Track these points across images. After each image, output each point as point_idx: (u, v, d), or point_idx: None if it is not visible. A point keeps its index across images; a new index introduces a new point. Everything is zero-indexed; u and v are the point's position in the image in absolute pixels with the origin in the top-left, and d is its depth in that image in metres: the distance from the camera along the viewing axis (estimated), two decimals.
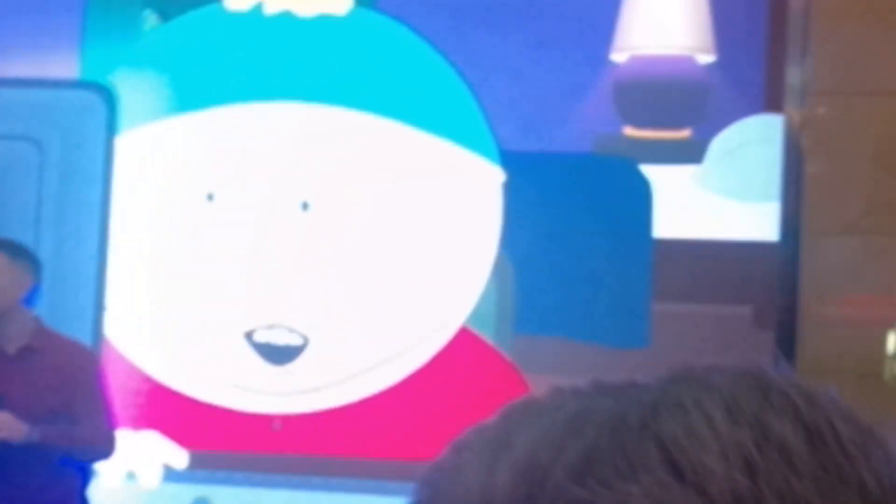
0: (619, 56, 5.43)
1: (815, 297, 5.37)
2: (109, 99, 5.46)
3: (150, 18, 5.59)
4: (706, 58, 5.42)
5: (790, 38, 5.36)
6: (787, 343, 5.31)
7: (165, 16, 5.59)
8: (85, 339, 4.92)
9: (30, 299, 4.32)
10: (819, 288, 5.37)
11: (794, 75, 5.36)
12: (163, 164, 5.47)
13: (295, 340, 5.38)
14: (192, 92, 5.46)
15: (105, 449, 4.26)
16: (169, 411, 5.42)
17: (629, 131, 5.44)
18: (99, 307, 5.42)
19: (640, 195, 5.35)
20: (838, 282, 5.40)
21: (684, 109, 5.42)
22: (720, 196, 5.37)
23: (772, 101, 5.39)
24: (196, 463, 5.41)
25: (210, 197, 5.44)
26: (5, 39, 5.60)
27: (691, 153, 5.38)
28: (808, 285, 5.36)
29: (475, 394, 5.34)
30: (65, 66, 5.55)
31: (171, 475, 5.40)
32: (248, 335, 5.40)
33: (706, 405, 0.69)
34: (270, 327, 5.39)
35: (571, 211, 5.35)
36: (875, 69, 5.51)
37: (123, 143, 5.48)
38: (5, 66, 5.57)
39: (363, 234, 5.37)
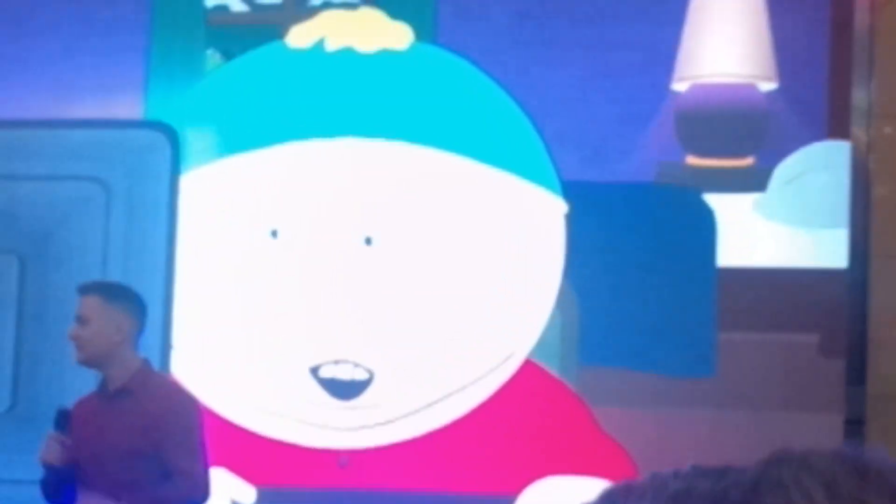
0: (680, 85, 5.43)
1: (885, 321, 5.33)
2: (174, 138, 5.51)
3: (213, 57, 5.65)
4: (768, 85, 5.40)
5: (855, 61, 5.34)
6: (858, 368, 5.28)
7: (228, 54, 5.64)
8: None
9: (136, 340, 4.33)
10: (889, 312, 5.34)
11: (859, 98, 5.33)
12: (227, 202, 5.51)
13: (360, 375, 5.40)
14: (255, 130, 5.50)
15: (198, 496, 4.23)
16: (236, 448, 5.44)
17: (692, 160, 5.42)
18: (166, 344, 5.46)
19: (704, 224, 5.33)
20: None
21: (747, 137, 5.40)
22: (785, 223, 5.34)
23: (835, 127, 5.36)
24: (264, 499, 5.43)
25: (274, 233, 5.47)
26: (71, 81, 5.66)
27: (755, 181, 5.36)
28: (877, 308, 5.33)
29: (541, 426, 5.33)
30: (129, 106, 5.60)
31: None
32: (314, 370, 5.42)
33: (806, 483, 0.69)
34: (336, 362, 5.40)
35: (635, 241, 5.34)
36: None
37: (188, 182, 5.52)
38: (71, 108, 5.63)
39: (426, 267, 5.38)
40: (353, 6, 5.58)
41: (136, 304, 4.35)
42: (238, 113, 5.54)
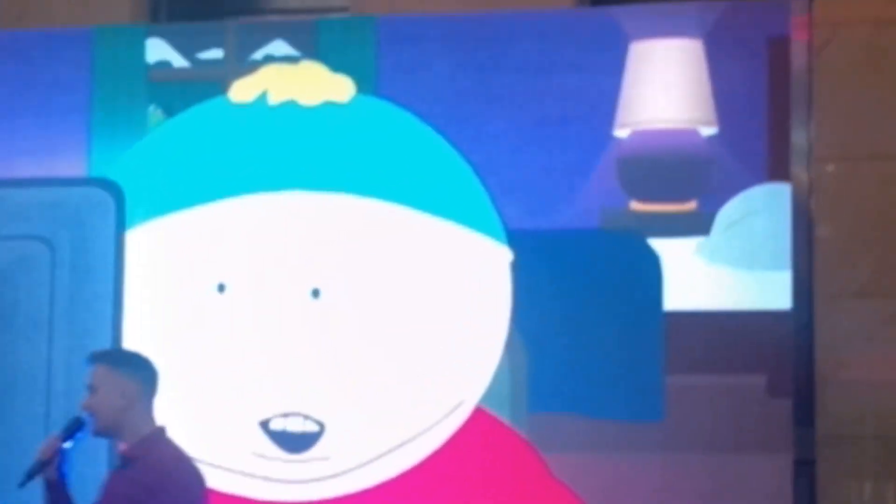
0: (621, 132, 5.47)
1: (831, 362, 5.38)
2: (118, 195, 5.52)
3: (155, 114, 5.66)
4: (709, 130, 5.45)
5: (794, 102, 5.39)
6: (806, 409, 5.31)
7: (170, 110, 5.65)
8: None
9: None
10: (835, 352, 5.38)
11: (799, 139, 5.39)
12: (173, 258, 5.51)
13: (311, 427, 5.40)
14: (199, 185, 5.52)
15: None
16: None
17: (635, 206, 5.46)
18: None
19: (649, 269, 5.37)
20: (854, 345, 5.41)
21: (689, 182, 5.45)
22: (729, 266, 5.38)
23: (776, 170, 5.41)
24: None
25: (221, 288, 5.48)
26: (13, 141, 5.66)
27: (698, 225, 5.40)
28: (823, 350, 5.37)
29: (493, 473, 5.34)
30: (72, 164, 5.61)
31: None
32: (264, 424, 5.41)
33: None
34: (286, 415, 5.40)
35: (581, 287, 5.37)
36: (879, 133, 5.55)
37: (133, 239, 5.53)
38: (13, 167, 5.63)
39: (374, 318, 5.40)
40: (294, 60, 5.62)
41: (144, 369, 4.32)
42: (182, 168, 5.55)
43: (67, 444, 4.22)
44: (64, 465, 4.22)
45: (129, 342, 5.46)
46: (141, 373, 4.29)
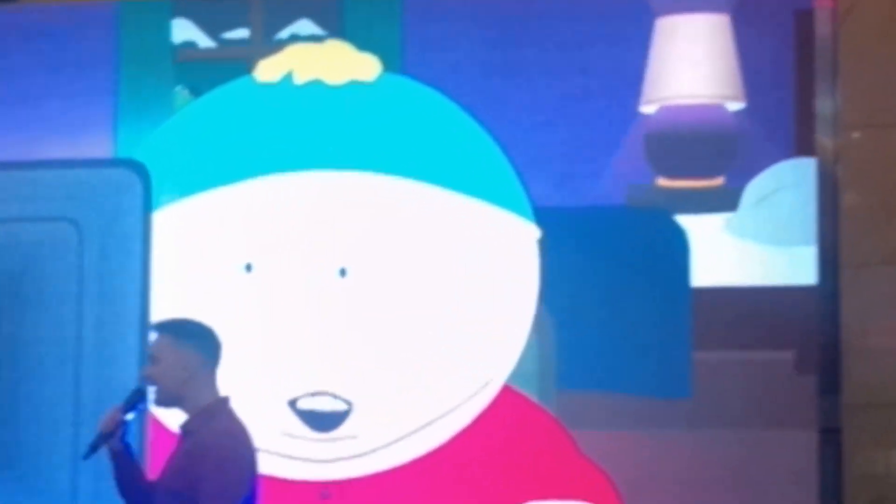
0: (648, 108, 5.45)
1: (857, 330, 5.36)
2: (145, 176, 5.52)
3: (182, 94, 5.65)
4: (736, 105, 5.43)
5: (819, 70, 5.36)
6: (831, 377, 5.31)
7: (196, 91, 5.64)
8: None
9: None
10: (861, 320, 5.36)
11: (825, 107, 5.36)
12: (200, 238, 5.51)
13: (339, 406, 5.41)
14: (226, 165, 5.52)
15: None
16: None
17: (662, 182, 5.45)
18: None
19: (677, 245, 5.36)
20: (880, 313, 5.40)
21: (716, 157, 5.43)
22: (756, 242, 5.37)
23: (804, 145, 5.39)
24: None
25: (248, 268, 5.49)
26: (40, 122, 5.66)
27: (725, 201, 5.39)
28: (849, 318, 5.36)
29: (521, 451, 5.35)
30: (100, 145, 5.61)
31: None
32: (292, 403, 5.43)
33: None
34: (314, 394, 5.42)
35: (608, 264, 5.37)
36: None
37: (161, 219, 5.53)
38: (41, 149, 5.63)
39: (402, 296, 5.40)
40: (320, 39, 5.60)
41: (206, 340, 4.25)
42: (209, 149, 5.55)
43: (129, 416, 4.22)
44: (126, 436, 4.22)
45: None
46: (203, 344, 4.24)
